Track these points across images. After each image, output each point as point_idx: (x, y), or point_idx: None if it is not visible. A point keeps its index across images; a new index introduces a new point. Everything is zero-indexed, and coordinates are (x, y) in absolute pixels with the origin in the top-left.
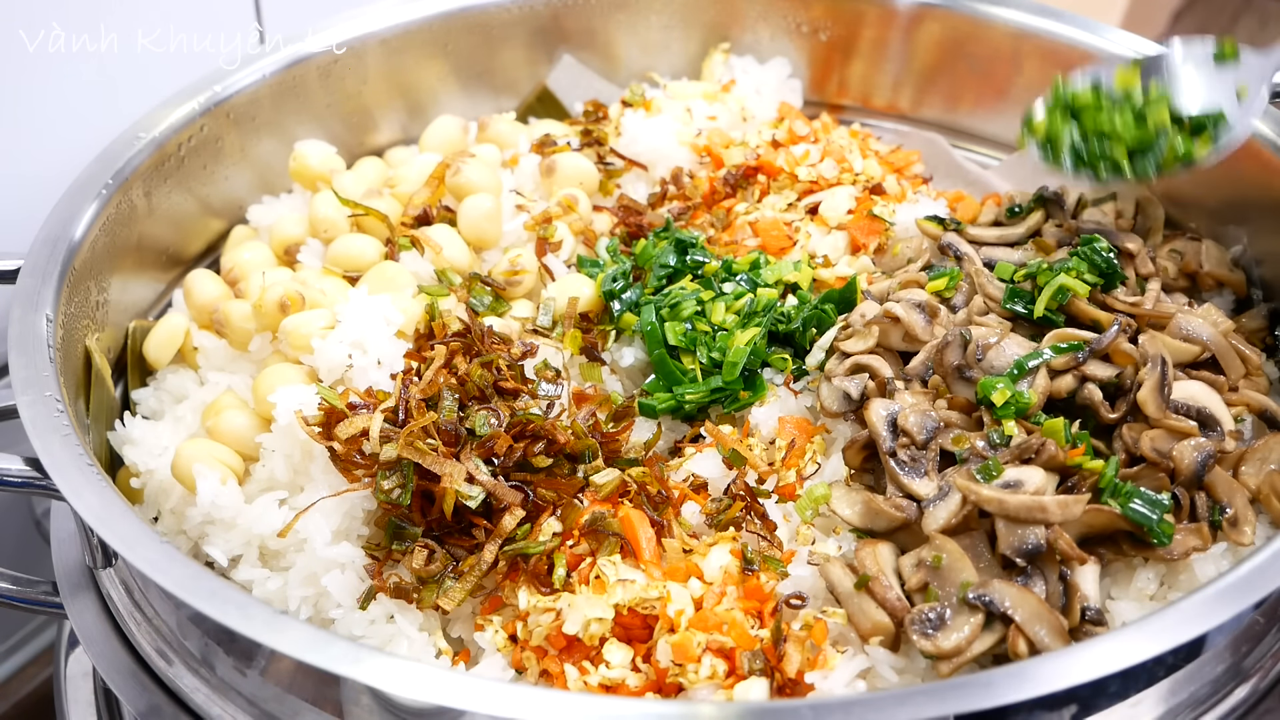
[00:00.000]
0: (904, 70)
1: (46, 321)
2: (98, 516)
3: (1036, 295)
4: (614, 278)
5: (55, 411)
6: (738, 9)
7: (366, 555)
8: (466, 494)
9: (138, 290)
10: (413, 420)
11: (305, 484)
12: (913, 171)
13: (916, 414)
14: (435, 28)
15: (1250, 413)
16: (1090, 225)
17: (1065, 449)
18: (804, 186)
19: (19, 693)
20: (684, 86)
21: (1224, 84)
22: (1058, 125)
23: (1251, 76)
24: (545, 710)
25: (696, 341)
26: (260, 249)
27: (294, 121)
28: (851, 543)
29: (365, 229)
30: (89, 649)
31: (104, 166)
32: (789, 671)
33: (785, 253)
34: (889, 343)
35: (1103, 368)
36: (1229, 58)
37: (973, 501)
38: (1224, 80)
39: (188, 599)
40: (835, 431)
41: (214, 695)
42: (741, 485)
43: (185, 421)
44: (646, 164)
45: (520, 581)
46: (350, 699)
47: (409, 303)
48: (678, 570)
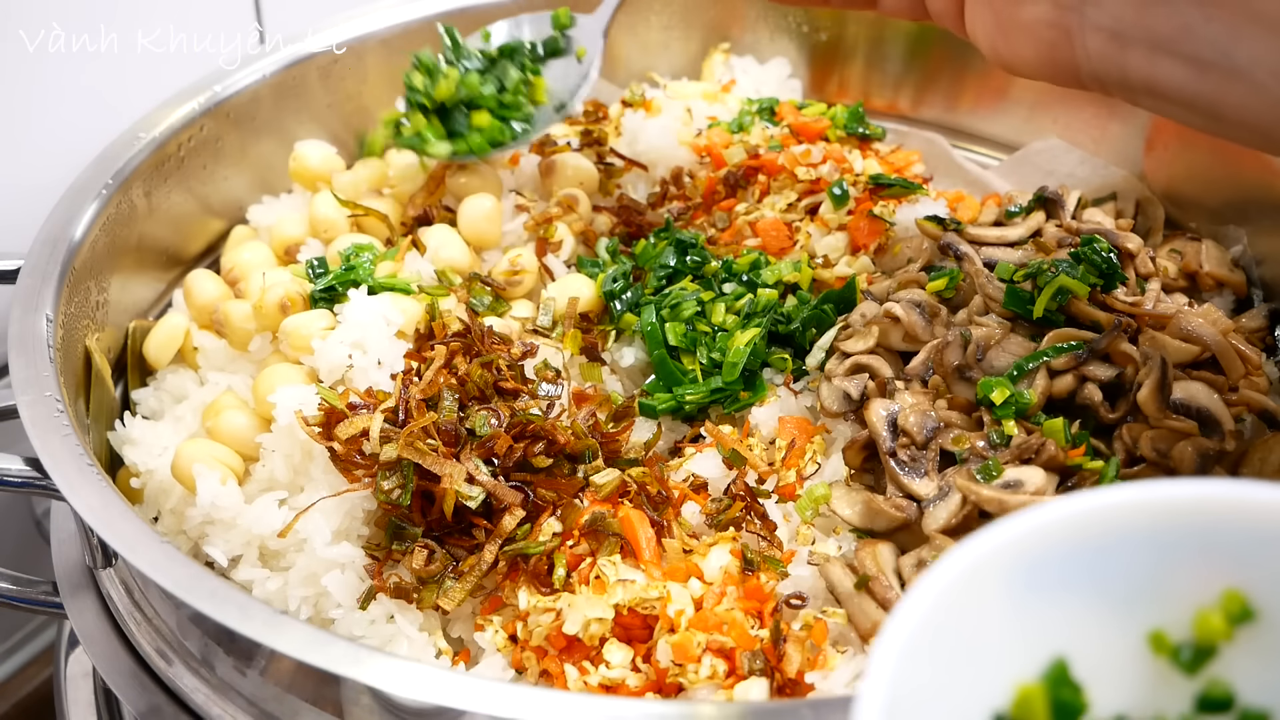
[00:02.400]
0: (904, 70)
1: (46, 321)
2: (98, 516)
3: (1036, 295)
4: (614, 278)
5: (55, 411)
6: (738, 9)
7: (366, 555)
8: (466, 494)
9: (138, 290)
10: (413, 420)
11: (305, 484)
12: (913, 171)
13: (916, 414)
14: (435, 28)
15: (1250, 413)
16: (1090, 225)
17: (1065, 449)
18: (804, 187)
19: (19, 693)
20: (684, 86)
21: (569, 48)
22: (421, 122)
23: (589, 37)
24: (545, 710)
25: (697, 342)
26: (260, 249)
27: (294, 121)
28: (851, 543)
29: (365, 229)
30: (89, 649)
31: (104, 166)
32: (789, 671)
33: (785, 253)
34: (889, 343)
35: (1103, 368)
36: (566, 25)
37: (973, 501)
38: (568, 45)
39: (188, 599)
40: (835, 431)
41: (214, 695)
42: (741, 485)
43: (185, 421)
44: (646, 164)
45: (520, 581)
46: (350, 699)
47: (409, 303)
48: (678, 570)
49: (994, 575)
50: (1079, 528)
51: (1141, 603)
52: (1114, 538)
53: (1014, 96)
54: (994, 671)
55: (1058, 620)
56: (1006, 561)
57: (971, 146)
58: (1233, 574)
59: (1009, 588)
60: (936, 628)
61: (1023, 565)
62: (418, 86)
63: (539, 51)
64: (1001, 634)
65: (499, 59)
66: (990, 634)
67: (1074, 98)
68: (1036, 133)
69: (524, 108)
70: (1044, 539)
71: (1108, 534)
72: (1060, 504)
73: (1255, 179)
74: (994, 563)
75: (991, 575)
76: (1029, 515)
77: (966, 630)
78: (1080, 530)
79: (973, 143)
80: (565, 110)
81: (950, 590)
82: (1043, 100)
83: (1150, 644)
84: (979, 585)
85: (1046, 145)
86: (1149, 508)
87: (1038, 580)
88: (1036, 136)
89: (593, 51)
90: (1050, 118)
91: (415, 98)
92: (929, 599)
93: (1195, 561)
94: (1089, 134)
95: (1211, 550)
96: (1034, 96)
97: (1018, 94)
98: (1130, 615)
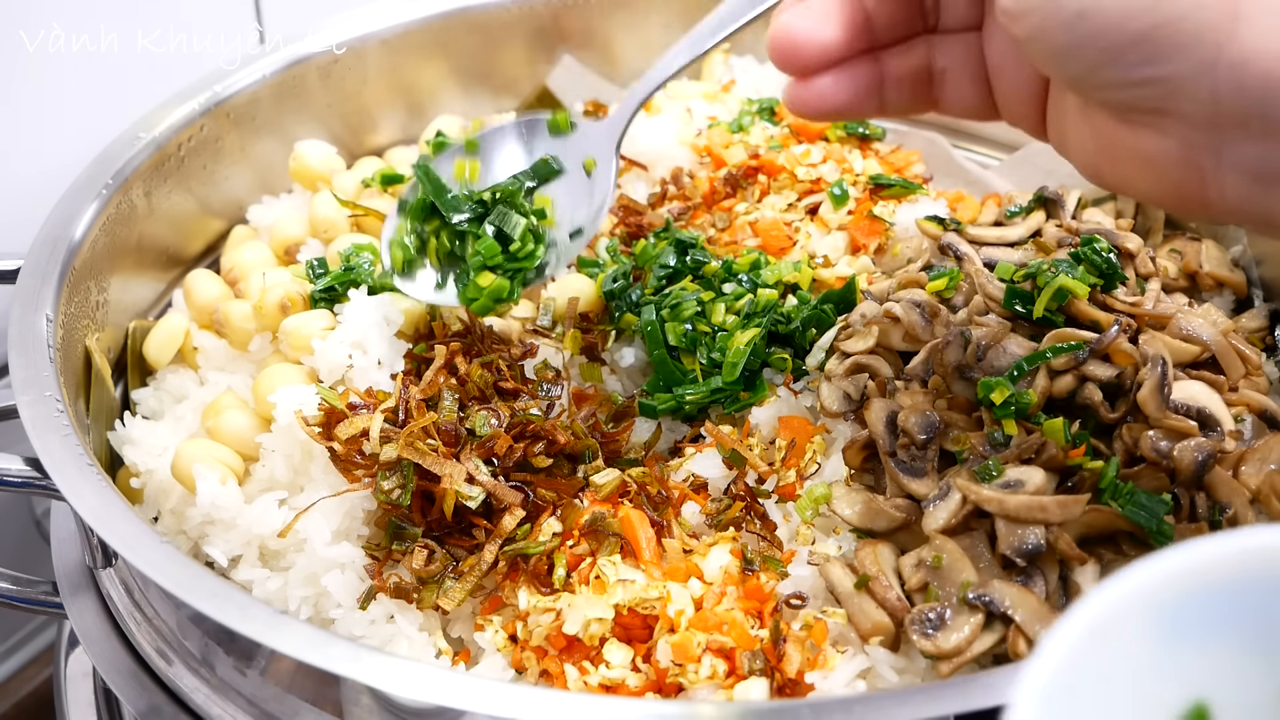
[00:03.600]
0: None
1: (46, 321)
2: (98, 516)
3: (1036, 295)
4: (614, 278)
5: (55, 411)
6: None
7: (366, 555)
8: (466, 494)
9: (138, 290)
10: (413, 420)
11: (305, 484)
12: (913, 171)
13: (916, 414)
14: (435, 28)
15: (1250, 413)
16: (1090, 225)
17: (1065, 449)
18: (804, 187)
19: (19, 693)
20: (684, 86)
21: (570, 158)
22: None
23: (598, 148)
24: (545, 710)
25: (697, 342)
26: (260, 249)
27: (294, 121)
28: (851, 543)
29: (365, 229)
30: (89, 649)
31: (104, 166)
32: (789, 671)
33: (785, 253)
34: (889, 343)
35: (1103, 368)
36: (564, 130)
37: (973, 501)
38: (569, 154)
39: (188, 599)
40: (835, 431)
41: (214, 695)
42: (741, 485)
43: (185, 421)
44: (646, 164)
45: (520, 581)
46: (350, 699)
47: (409, 303)
48: (678, 570)
49: (1139, 614)
50: (1228, 569)
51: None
52: (1263, 581)
53: None
54: (1134, 714)
55: (1200, 665)
56: (1153, 601)
57: (971, 146)
58: None
59: (1155, 628)
60: (1078, 666)
61: (1169, 606)
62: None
63: (536, 177)
64: (1142, 675)
65: (495, 203)
66: (1131, 675)
67: None
68: None
69: (536, 255)
70: (1193, 579)
71: (1258, 577)
72: (1210, 543)
73: None
74: (1140, 601)
75: (1137, 614)
76: (1179, 554)
77: (1107, 670)
78: (1230, 571)
79: (973, 143)
80: (583, 237)
81: (1094, 628)
82: None
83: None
84: (1123, 624)
85: (1047, 145)
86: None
87: (1183, 622)
88: None
89: (605, 169)
90: None
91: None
92: (1073, 636)
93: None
94: None
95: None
96: None
97: None
98: (1274, 664)
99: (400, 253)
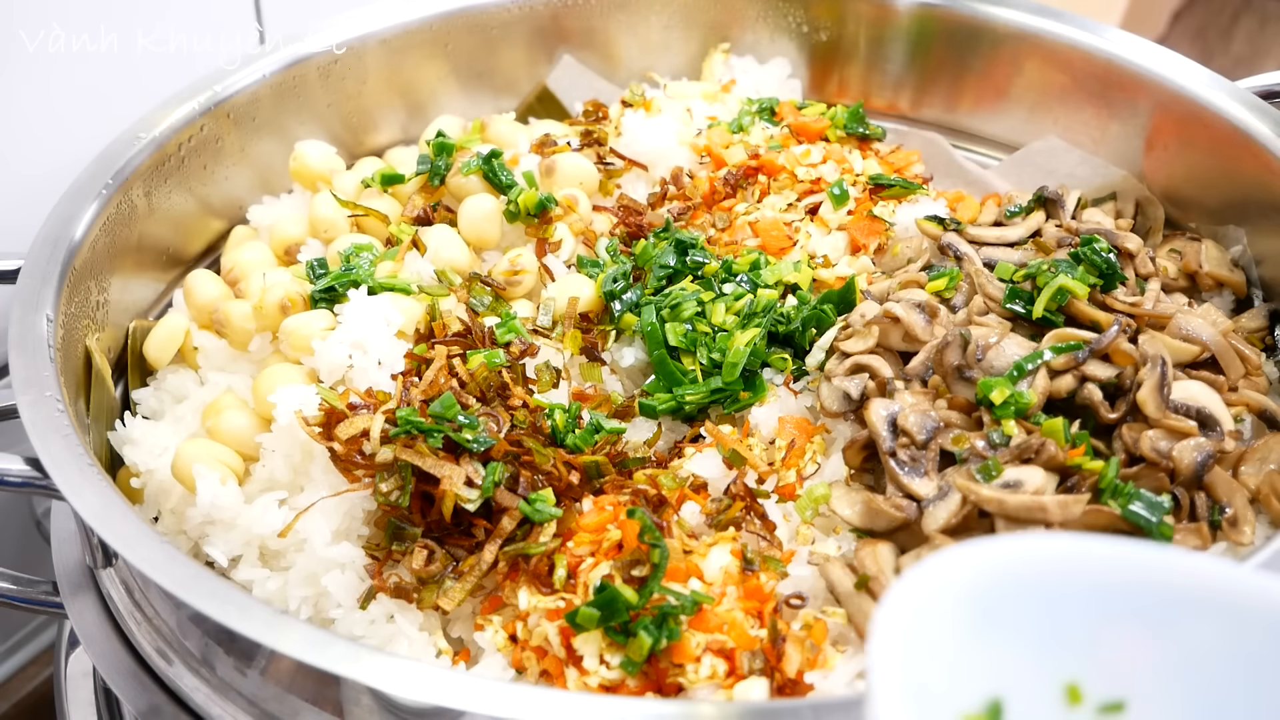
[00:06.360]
0: (904, 70)
1: (46, 321)
2: (98, 516)
3: (1036, 295)
4: (614, 278)
5: (55, 411)
6: (738, 9)
7: (366, 555)
8: (465, 497)
9: (138, 290)
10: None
11: (305, 484)
12: (913, 171)
13: (916, 414)
14: (435, 28)
15: (1250, 413)
16: (1090, 225)
17: (1065, 449)
18: (804, 187)
19: (19, 693)
20: (684, 86)
21: None
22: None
23: None
24: (545, 710)
25: (697, 342)
26: (260, 249)
27: (294, 121)
28: (851, 543)
29: (365, 229)
30: (89, 649)
31: (104, 166)
32: (789, 671)
33: (785, 253)
34: (889, 343)
35: (1103, 368)
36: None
37: (973, 501)
38: None
39: (188, 599)
40: (835, 431)
41: (214, 695)
42: (741, 485)
43: (185, 421)
44: (646, 164)
45: (520, 582)
46: (350, 699)
47: (409, 303)
48: (678, 570)
49: (950, 601)
50: (1031, 567)
51: (1069, 652)
52: (1058, 583)
53: (1014, 96)
54: (948, 697)
55: (1002, 656)
56: (965, 590)
57: (971, 146)
58: (1153, 637)
59: (968, 618)
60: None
61: (980, 597)
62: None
63: None
64: (957, 660)
65: None
66: (948, 658)
67: (1074, 98)
68: (1036, 133)
69: None
70: (1000, 574)
71: (1052, 579)
72: (1015, 541)
73: (1255, 179)
74: (954, 590)
75: (948, 600)
76: (989, 547)
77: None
78: (1033, 570)
79: (973, 143)
80: None
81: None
82: (1043, 100)
83: (1067, 695)
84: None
85: (1046, 145)
86: (1092, 560)
87: (991, 613)
88: (1036, 136)
89: None
90: (1050, 118)
91: None
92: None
93: (1126, 621)
94: (1089, 134)
95: (1143, 612)
96: (1034, 97)
97: (1018, 94)
98: (1058, 663)
99: None
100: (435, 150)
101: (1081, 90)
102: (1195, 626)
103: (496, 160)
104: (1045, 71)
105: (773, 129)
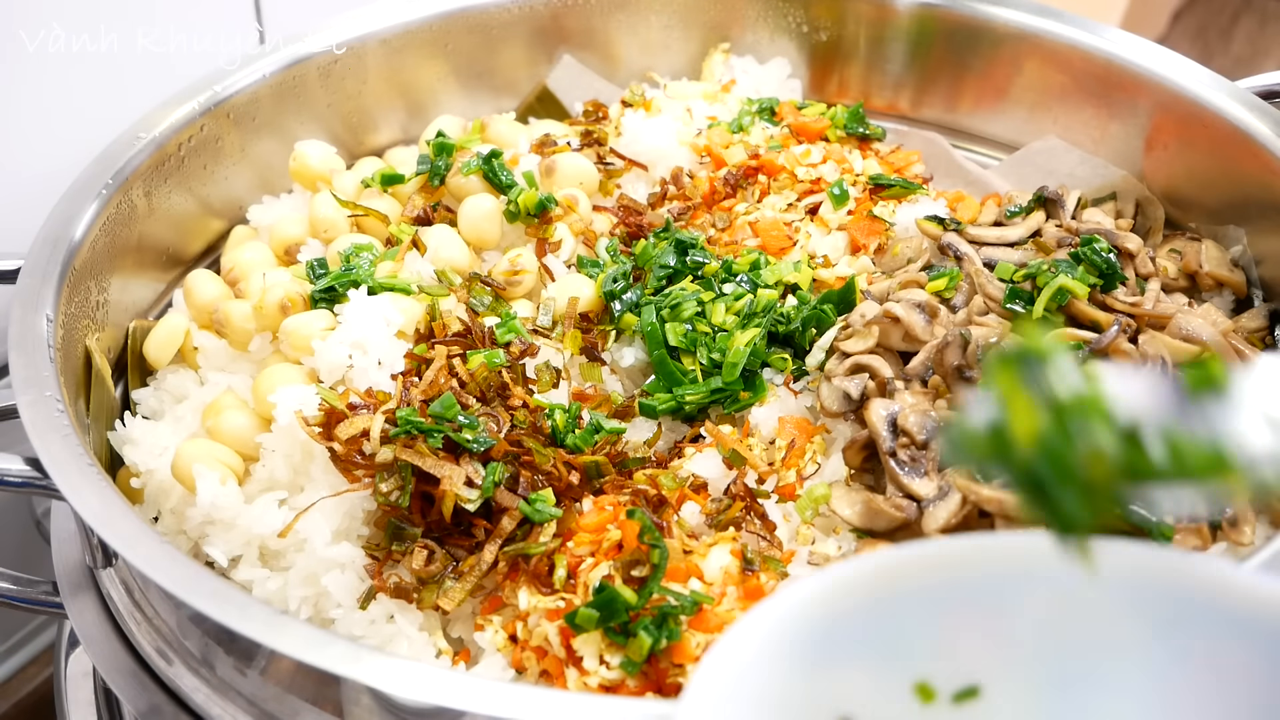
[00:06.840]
0: (904, 70)
1: (46, 321)
2: (98, 516)
3: (1036, 295)
4: (614, 278)
5: (55, 411)
6: (738, 9)
7: (366, 555)
8: (465, 498)
9: (138, 290)
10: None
11: (305, 484)
12: (913, 171)
13: (916, 414)
14: (435, 28)
15: None
16: (1090, 225)
17: None
18: (804, 187)
19: (19, 693)
20: (684, 86)
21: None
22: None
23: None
24: (545, 710)
25: (697, 342)
26: (260, 249)
27: (294, 121)
28: (851, 543)
29: (365, 229)
30: (89, 649)
31: (104, 166)
32: None
33: (785, 253)
34: (889, 343)
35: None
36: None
37: (973, 501)
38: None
39: (188, 599)
40: (835, 431)
41: (214, 695)
42: (741, 485)
43: (185, 421)
44: (646, 164)
45: (520, 582)
46: (350, 699)
47: (409, 303)
48: (677, 570)
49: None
50: (855, 592)
51: (913, 655)
52: (886, 597)
53: (1014, 96)
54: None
55: (847, 681)
56: (787, 637)
57: (971, 146)
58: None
59: (793, 661)
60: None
61: (803, 638)
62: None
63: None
64: (790, 700)
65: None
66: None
67: (1074, 98)
68: (1036, 133)
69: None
70: (820, 609)
71: (881, 593)
72: (830, 571)
73: (1255, 179)
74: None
75: (774, 651)
76: (800, 587)
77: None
78: (852, 595)
79: (973, 143)
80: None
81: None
82: (1043, 100)
83: (918, 694)
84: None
85: (1046, 145)
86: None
87: (818, 649)
88: (1036, 136)
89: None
90: (1050, 118)
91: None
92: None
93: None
94: (1089, 134)
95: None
96: (1034, 97)
97: (1018, 94)
98: (903, 668)
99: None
100: (435, 150)
101: (1081, 90)
102: (1024, 598)
103: (496, 160)
104: (1045, 71)
105: (773, 129)
